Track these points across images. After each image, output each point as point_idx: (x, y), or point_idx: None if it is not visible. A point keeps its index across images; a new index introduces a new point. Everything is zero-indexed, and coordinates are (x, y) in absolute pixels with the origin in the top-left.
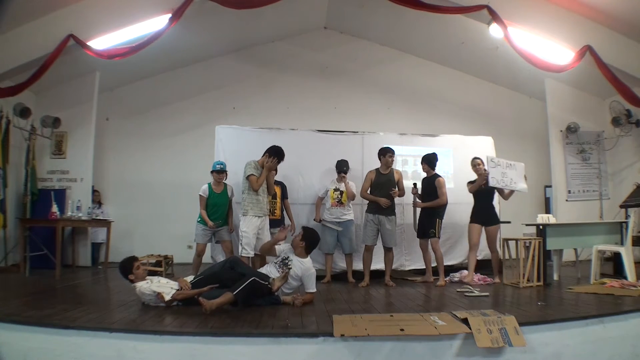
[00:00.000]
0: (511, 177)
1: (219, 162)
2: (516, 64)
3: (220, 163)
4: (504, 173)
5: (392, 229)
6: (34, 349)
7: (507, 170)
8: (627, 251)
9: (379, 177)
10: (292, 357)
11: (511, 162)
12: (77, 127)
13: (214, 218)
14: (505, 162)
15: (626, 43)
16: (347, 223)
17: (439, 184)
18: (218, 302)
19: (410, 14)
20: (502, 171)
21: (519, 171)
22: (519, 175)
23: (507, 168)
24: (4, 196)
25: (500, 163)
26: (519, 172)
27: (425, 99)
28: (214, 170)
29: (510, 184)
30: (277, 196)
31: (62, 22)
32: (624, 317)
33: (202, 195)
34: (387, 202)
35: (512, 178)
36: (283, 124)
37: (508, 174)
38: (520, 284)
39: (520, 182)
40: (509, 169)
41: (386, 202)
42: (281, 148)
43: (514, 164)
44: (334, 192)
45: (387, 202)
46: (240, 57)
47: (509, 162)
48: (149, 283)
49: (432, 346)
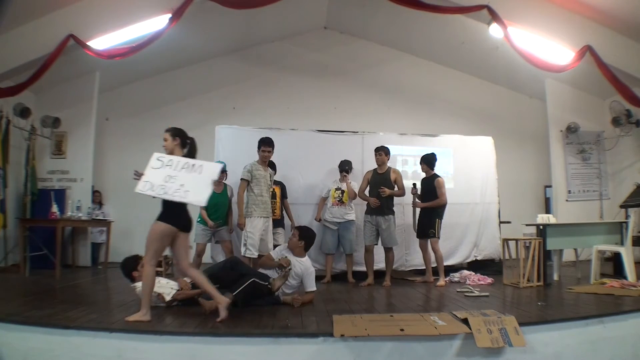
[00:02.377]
0: (181, 183)
1: (219, 162)
2: (516, 64)
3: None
4: (171, 177)
5: (389, 229)
6: (34, 349)
7: (181, 173)
8: (627, 251)
9: (375, 177)
10: (292, 357)
11: (197, 163)
12: (77, 127)
13: (214, 218)
14: (184, 162)
15: (626, 43)
16: (348, 223)
17: (438, 184)
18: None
19: (410, 14)
20: (169, 174)
21: (203, 175)
22: (201, 181)
23: (183, 170)
24: (4, 196)
25: (172, 162)
26: (205, 176)
27: (425, 99)
28: None
29: (173, 193)
30: (276, 196)
31: (62, 22)
32: (624, 317)
33: None
34: (376, 201)
35: (184, 184)
36: (283, 124)
37: (179, 178)
38: (520, 284)
39: (197, 191)
40: (185, 171)
41: (375, 201)
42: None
43: (201, 166)
44: (335, 191)
45: (375, 202)
46: (240, 57)
47: (195, 162)
48: None
49: (432, 346)
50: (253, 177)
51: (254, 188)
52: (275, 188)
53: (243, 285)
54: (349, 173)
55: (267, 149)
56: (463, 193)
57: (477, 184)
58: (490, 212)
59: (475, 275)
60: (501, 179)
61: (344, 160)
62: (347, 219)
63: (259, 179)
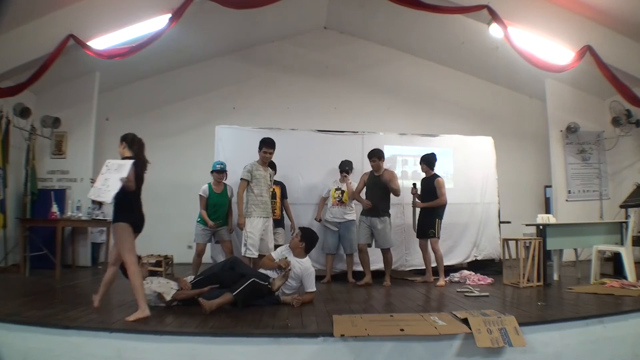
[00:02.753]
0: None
1: (219, 162)
2: (516, 64)
3: (221, 163)
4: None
5: (384, 230)
6: (34, 349)
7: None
8: (627, 251)
9: (371, 179)
10: (292, 357)
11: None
12: (77, 127)
13: (214, 218)
14: (113, 164)
15: (626, 43)
16: (348, 223)
17: (438, 184)
18: (217, 302)
19: (410, 14)
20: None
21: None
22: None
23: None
24: (4, 196)
25: (110, 166)
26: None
27: (425, 99)
28: (214, 170)
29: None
30: (276, 196)
31: (62, 22)
32: (624, 317)
33: (202, 195)
34: (368, 203)
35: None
36: (283, 124)
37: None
38: (520, 284)
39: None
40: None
41: (367, 203)
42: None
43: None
44: (335, 191)
45: (368, 204)
46: (240, 57)
47: (120, 162)
48: (149, 283)
49: (432, 346)
50: (253, 177)
51: (254, 188)
52: (275, 188)
53: (243, 285)
54: (349, 173)
55: (269, 150)
56: (463, 193)
57: (477, 184)
58: (490, 212)
59: (475, 275)
60: (501, 179)
61: (344, 161)
62: (348, 219)
63: (259, 179)
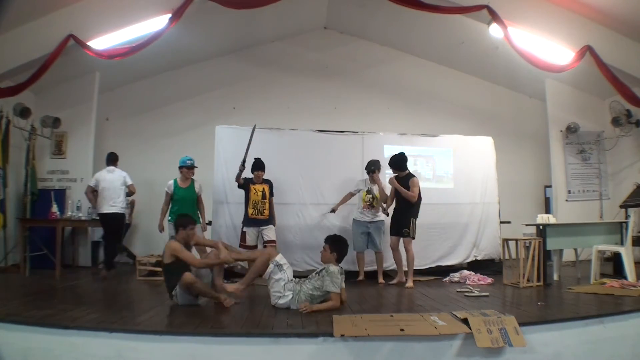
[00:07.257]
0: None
1: (188, 158)
2: (516, 64)
3: (190, 159)
4: None
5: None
6: (34, 349)
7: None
8: (627, 251)
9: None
10: (292, 357)
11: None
12: (77, 127)
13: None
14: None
15: (626, 43)
16: (379, 223)
17: (412, 183)
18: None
19: (410, 14)
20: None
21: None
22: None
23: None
24: (4, 196)
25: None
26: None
27: (425, 99)
28: (183, 166)
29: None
30: (266, 196)
31: (62, 22)
32: (624, 317)
33: (167, 191)
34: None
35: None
36: (283, 124)
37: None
38: (520, 284)
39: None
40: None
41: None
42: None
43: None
44: (367, 194)
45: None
46: (240, 57)
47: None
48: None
49: (432, 346)
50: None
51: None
52: (264, 187)
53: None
54: (374, 172)
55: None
56: (463, 193)
57: (477, 184)
58: (490, 212)
59: (475, 275)
60: (501, 179)
61: (371, 160)
62: (379, 219)
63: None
